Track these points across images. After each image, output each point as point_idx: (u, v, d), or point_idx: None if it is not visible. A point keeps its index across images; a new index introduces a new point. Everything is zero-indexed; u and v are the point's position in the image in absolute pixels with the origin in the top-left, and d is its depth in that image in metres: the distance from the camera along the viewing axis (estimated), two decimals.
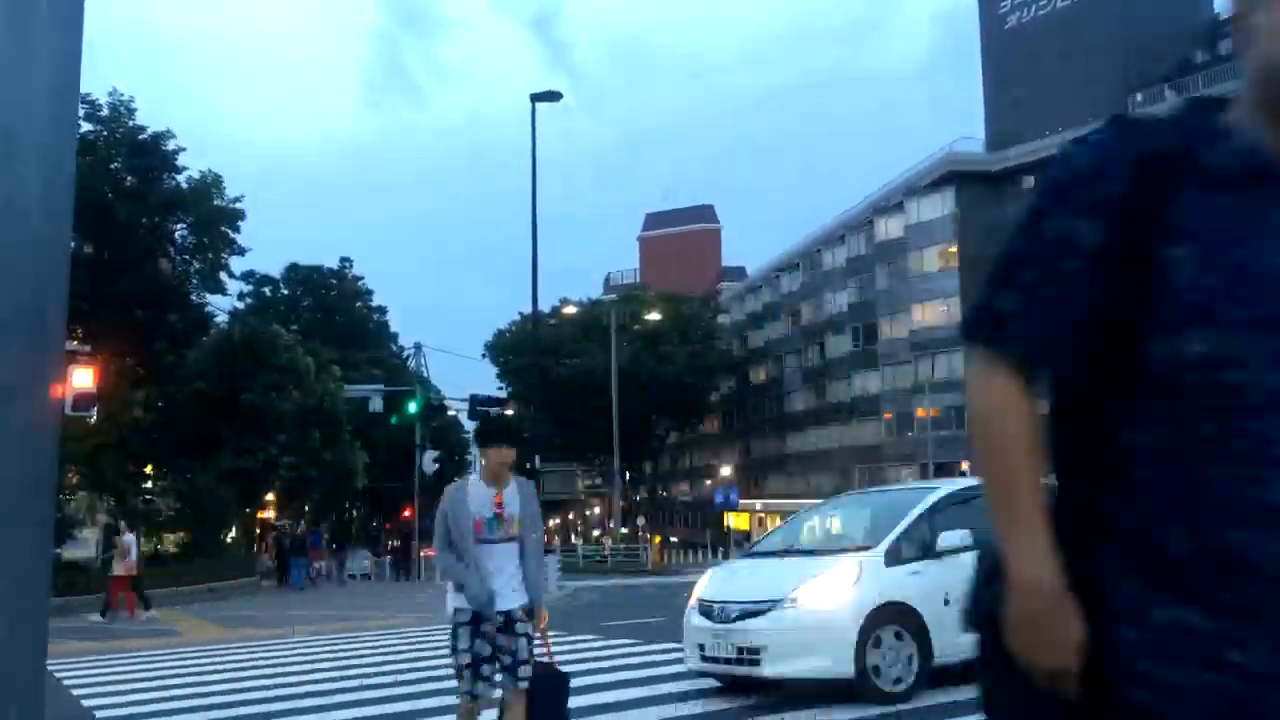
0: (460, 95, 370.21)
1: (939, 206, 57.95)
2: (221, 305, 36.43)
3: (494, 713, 5.33)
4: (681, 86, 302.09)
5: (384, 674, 10.16)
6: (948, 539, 7.73)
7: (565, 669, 5.86)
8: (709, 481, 73.78)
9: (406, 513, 52.28)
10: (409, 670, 10.38)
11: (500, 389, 60.65)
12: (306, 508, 43.50)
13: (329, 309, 56.50)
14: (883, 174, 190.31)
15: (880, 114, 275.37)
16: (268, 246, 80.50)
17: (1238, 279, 1.25)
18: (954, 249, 56.92)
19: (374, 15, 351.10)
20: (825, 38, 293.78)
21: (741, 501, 60.58)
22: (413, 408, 37.72)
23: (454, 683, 5.21)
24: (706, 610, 8.19)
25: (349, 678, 9.96)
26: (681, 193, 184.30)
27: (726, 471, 70.96)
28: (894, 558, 7.89)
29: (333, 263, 58.76)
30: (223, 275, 34.23)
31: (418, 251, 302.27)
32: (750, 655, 7.67)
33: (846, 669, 7.34)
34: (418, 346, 58.53)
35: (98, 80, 31.01)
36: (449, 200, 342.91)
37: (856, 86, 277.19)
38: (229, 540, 35.42)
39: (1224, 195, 1.30)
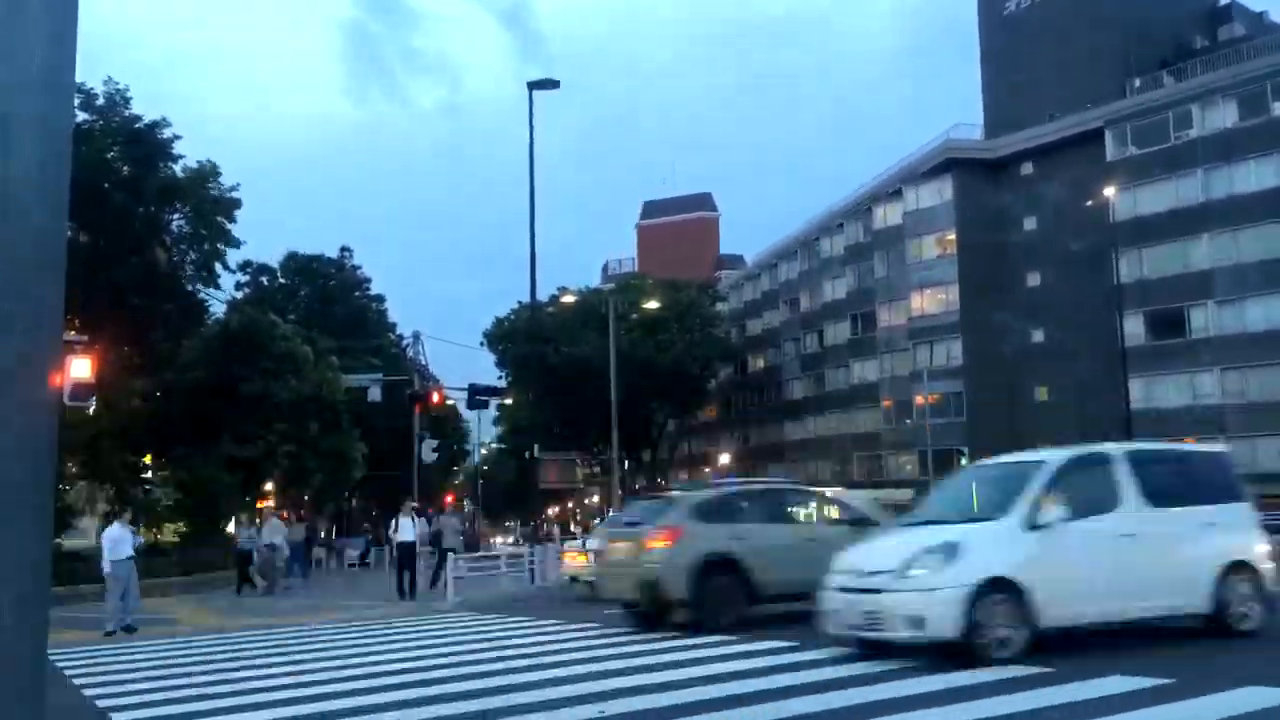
0: (442, 86, 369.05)
1: (937, 193, 57.85)
2: (218, 296, 36.29)
3: None
4: (661, 79, 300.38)
5: (383, 662, 10.17)
6: None
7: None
8: (708, 469, 73.81)
9: None
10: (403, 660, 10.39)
11: (499, 378, 60.58)
12: (306, 497, 43.52)
13: (327, 298, 56.29)
14: (875, 160, 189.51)
15: (866, 100, 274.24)
16: (263, 238, 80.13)
17: None
18: (952, 236, 56.86)
19: (349, 10, 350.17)
20: (795, 28, 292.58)
21: None
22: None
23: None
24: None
25: (350, 665, 9.96)
26: (675, 182, 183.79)
27: (725, 459, 70.96)
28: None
29: (330, 253, 58.59)
30: (218, 266, 33.97)
31: (414, 241, 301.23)
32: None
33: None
34: (416, 335, 58.41)
35: (84, 75, 30.79)
36: (443, 189, 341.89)
37: (836, 74, 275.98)
38: (228, 530, 35.41)
39: None
